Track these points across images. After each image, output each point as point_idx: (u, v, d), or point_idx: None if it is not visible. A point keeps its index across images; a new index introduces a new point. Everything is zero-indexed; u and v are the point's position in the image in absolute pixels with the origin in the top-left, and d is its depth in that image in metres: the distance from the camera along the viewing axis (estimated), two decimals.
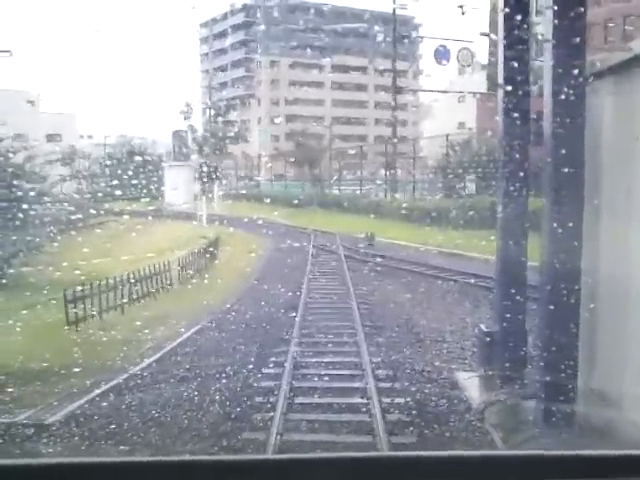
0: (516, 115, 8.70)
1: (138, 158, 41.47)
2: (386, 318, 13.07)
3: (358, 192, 37.84)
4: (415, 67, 50.23)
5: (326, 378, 9.37)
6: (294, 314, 12.92)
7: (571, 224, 6.95)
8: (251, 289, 16.07)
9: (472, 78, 40.60)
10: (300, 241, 22.67)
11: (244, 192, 40.60)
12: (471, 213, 24.75)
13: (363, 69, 55.78)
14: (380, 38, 50.17)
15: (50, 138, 46.88)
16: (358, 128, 54.75)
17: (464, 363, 10.18)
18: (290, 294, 14.98)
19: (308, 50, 54.77)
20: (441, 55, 37.66)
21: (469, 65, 37.73)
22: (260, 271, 18.53)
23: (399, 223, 26.33)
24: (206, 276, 17.39)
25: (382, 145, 44.38)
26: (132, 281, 14.74)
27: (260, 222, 24.82)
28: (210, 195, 34.45)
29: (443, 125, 38.37)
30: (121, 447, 6.58)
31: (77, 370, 9.01)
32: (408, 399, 8.55)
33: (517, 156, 8.99)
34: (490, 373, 9.30)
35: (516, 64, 8.60)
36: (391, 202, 31.96)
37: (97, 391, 8.55)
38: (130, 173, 37.39)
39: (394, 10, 42.05)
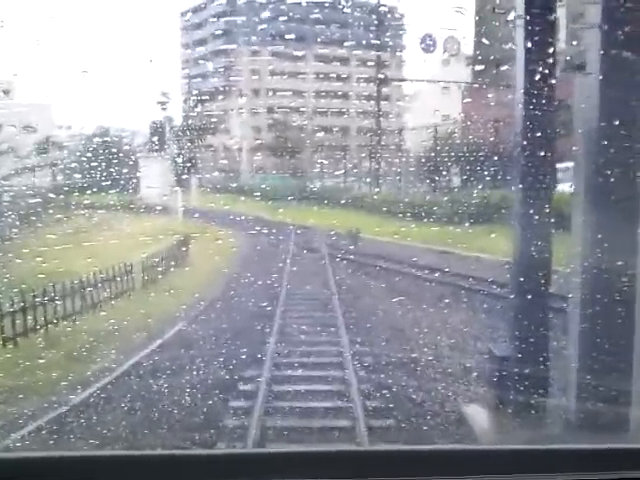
0: (538, 104, 7.40)
1: (114, 149, 39.25)
2: (376, 332, 11.24)
3: (341, 185, 35.95)
4: (398, 58, 48.43)
5: (305, 411, 7.51)
6: (268, 329, 11.10)
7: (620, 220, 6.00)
8: (223, 295, 14.14)
9: (456, 69, 39.01)
10: (280, 238, 20.73)
11: (223, 185, 38.47)
12: (459, 208, 23.05)
13: (345, 60, 53.93)
14: (363, 28, 48.38)
15: (25, 129, 44.97)
16: (340, 120, 52.89)
17: (469, 392, 8.32)
18: (266, 302, 13.12)
19: (290, 40, 52.72)
20: (427, 44, 35.85)
21: (456, 54, 35.92)
22: (234, 273, 16.57)
23: (384, 218, 24.41)
24: (173, 280, 15.36)
25: (365, 137, 42.85)
26: (88, 287, 12.77)
27: (238, 216, 22.86)
28: (187, 188, 32.39)
29: (427, 117, 36.82)
30: None
31: None
32: (404, 437, 6.77)
33: (539, 148, 7.46)
34: (505, 408, 7.48)
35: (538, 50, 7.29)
36: (375, 196, 30.05)
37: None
38: (105, 164, 35.22)
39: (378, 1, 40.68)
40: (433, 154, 31.83)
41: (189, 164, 34.87)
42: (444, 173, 30.43)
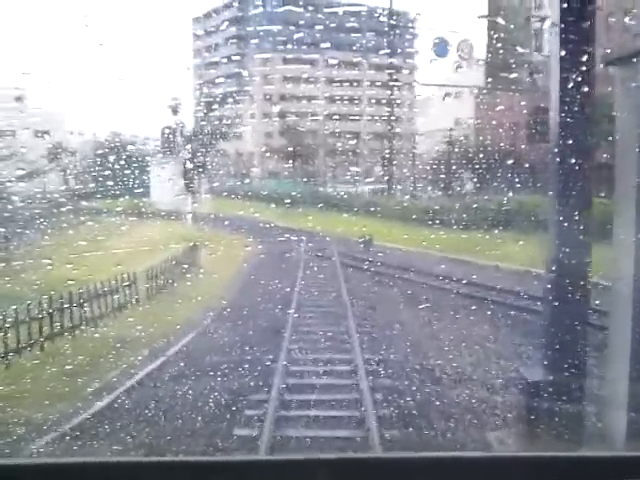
0: (574, 108, 6.86)
1: (125, 155, 38.60)
2: (391, 347, 10.33)
3: (353, 190, 35.06)
4: (411, 62, 47.59)
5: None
6: (280, 341, 10.22)
7: None
8: (231, 306, 13.24)
9: (468, 74, 38.16)
10: (291, 245, 19.83)
11: (235, 190, 37.67)
12: (474, 214, 22.18)
13: (357, 65, 53.13)
14: (375, 33, 47.62)
15: (38, 135, 44.53)
16: (352, 124, 52.06)
17: (497, 423, 7.37)
18: (277, 311, 12.25)
19: (302, 45, 52.02)
20: (440, 48, 34.95)
21: (469, 58, 35.02)
22: (243, 282, 15.68)
23: (398, 224, 23.43)
24: (180, 290, 14.45)
25: (377, 142, 42.06)
26: (89, 297, 11.95)
27: (249, 222, 22.05)
28: (198, 193, 31.63)
29: (439, 121, 36.02)
30: None
31: None
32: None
33: (576, 153, 6.83)
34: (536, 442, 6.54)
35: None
36: (388, 201, 29.15)
37: None
38: (116, 170, 34.59)
39: (391, 3, 40.00)
40: (446, 159, 30.94)
41: (200, 169, 34.15)
42: (458, 178, 29.56)
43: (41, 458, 2.75)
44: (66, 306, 10.91)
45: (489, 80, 36.16)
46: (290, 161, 41.36)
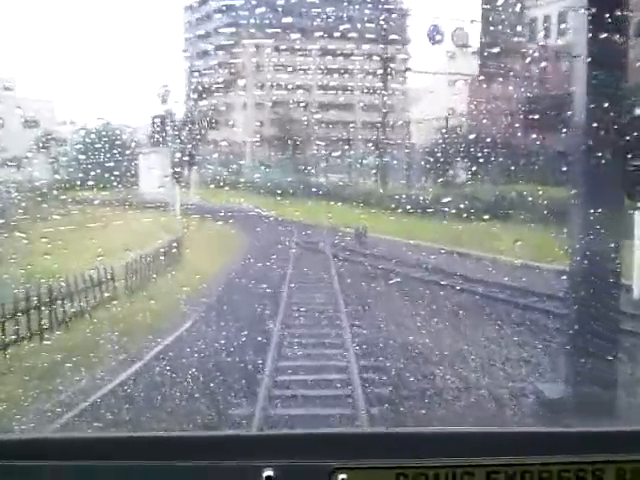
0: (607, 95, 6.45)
1: (115, 144, 37.33)
2: (389, 353, 9.17)
3: (346, 180, 33.90)
4: (405, 51, 46.41)
5: None
6: (265, 341, 9.08)
7: None
8: (217, 304, 12.07)
9: (463, 62, 37.03)
10: (281, 237, 18.63)
11: (225, 179, 36.38)
12: (471, 204, 21.07)
13: (350, 54, 51.90)
14: (368, 21, 46.37)
15: (27, 124, 43.49)
16: (345, 114, 50.89)
17: None
18: (266, 311, 11.07)
19: (294, 34, 50.69)
20: (434, 35, 33.84)
21: (464, 45, 33.87)
22: (228, 279, 14.47)
23: (392, 215, 22.22)
24: (157, 289, 13.20)
25: (370, 131, 41.00)
26: (61, 295, 10.74)
27: (238, 213, 20.85)
28: (187, 182, 30.42)
29: (433, 111, 34.93)
30: None
31: None
32: None
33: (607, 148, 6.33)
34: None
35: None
36: (382, 191, 27.95)
37: None
38: (105, 159, 33.38)
39: None
40: (442, 148, 29.81)
41: (190, 158, 32.99)
42: (454, 167, 28.43)
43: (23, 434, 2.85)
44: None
45: (484, 68, 35.11)
46: (282, 150, 40.21)
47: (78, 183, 30.35)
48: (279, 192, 27.78)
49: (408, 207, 22.65)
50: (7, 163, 24.52)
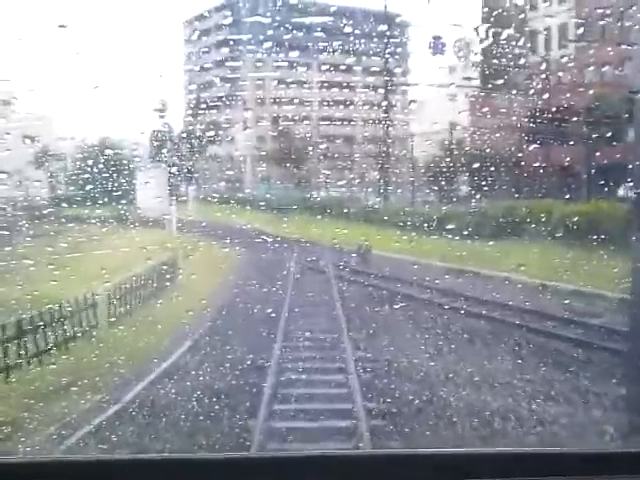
0: None
1: (114, 160, 36.18)
2: (400, 392, 7.89)
3: (348, 196, 32.62)
4: (405, 65, 45.46)
5: None
6: (261, 381, 7.78)
7: None
8: (209, 333, 10.77)
9: (465, 73, 36.00)
10: (281, 256, 17.34)
11: (225, 196, 35.17)
12: (477, 221, 19.85)
13: (351, 68, 50.93)
14: (369, 36, 45.47)
15: (26, 139, 42.64)
16: (346, 129, 49.87)
17: None
18: (261, 343, 9.79)
19: (294, 49, 49.76)
20: (437, 47, 32.77)
21: (466, 57, 32.80)
22: (223, 304, 13.15)
23: (396, 232, 20.89)
24: (146, 316, 11.84)
25: (371, 146, 39.94)
26: (35, 325, 9.48)
27: (237, 230, 19.63)
28: (186, 199, 29.26)
29: (433, 125, 33.81)
30: None
31: None
32: None
33: None
34: None
35: None
36: (385, 207, 26.66)
37: None
38: (103, 175, 32.24)
39: (385, 6, 38.18)
40: (445, 162, 28.62)
41: (189, 175, 31.90)
42: (457, 182, 27.24)
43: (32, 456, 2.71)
44: None
45: (486, 80, 34.06)
46: (282, 166, 39.05)
47: (72, 200, 29.33)
48: (279, 208, 26.54)
49: (412, 223, 21.42)
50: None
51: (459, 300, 12.42)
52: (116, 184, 30.11)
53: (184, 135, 41.38)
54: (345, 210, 26.27)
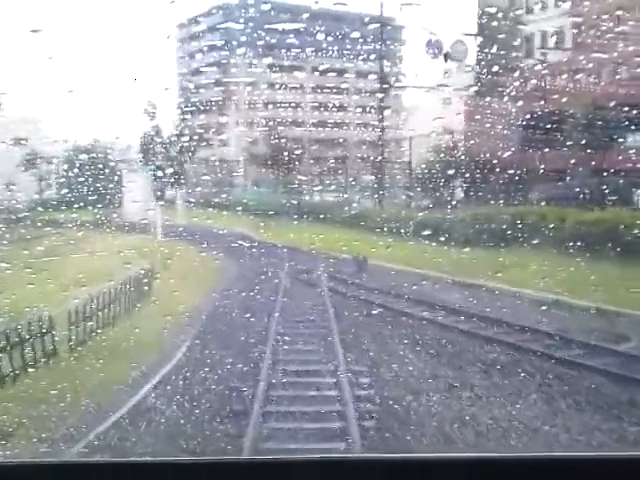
0: None
1: (103, 163, 34.66)
2: (406, 432, 6.35)
3: (340, 200, 31.05)
4: (400, 67, 44.25)
5: None
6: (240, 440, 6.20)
7: None
8: (186, 359, 9.17)
9: (458, 79, 34.70)
10: (271, 266, 15.74)
11: (215, 200, 33.55)
12: (477, 227, 18.41)
13: (344, 72, 49.72)
14: (364, 39, 44.34)
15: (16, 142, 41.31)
16: (339, 132, 48.58)
17: None
18: (245, 370, 8.21)
19: (287, 52, 48.47)
20: (433, 49, 31.36)
21: (463, 60, 31.39)
22: (203, 324, 11.51)
23: (393, 239, 19.27)
24: (112, 339, 10.15)
25: (364, 150, 38.71)
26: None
27: (225, 236, 18.09)
28: (174, 203, 27.73)
29: (427, 129, 32.49)
30: None
31: None
32: None
33: None
34: None
35: None
36: (380, 213, 25.06)
37: None
38: (90, 179, 30.75)
39: (381, 9, 37.10)
40: (441, 166, 27.19)
41: (179, 178, 30.40)
42: (455, 187, 25.81)
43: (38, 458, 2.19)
44: None
45: (483, 83, 32.72)
46: (274, 170, 37.61)
47: (56, 204, 28.04)
48: (270, 213, 24.93)
49: (408, 230, 19.88)
50: None
51: (457, 316, 10.82)
52: (102, 188, 28.66)
53: (173, 138, 39.88)
54: (338, 215, 24.72)
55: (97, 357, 8.61)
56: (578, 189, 23.11)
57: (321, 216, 24.38)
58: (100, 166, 33.42)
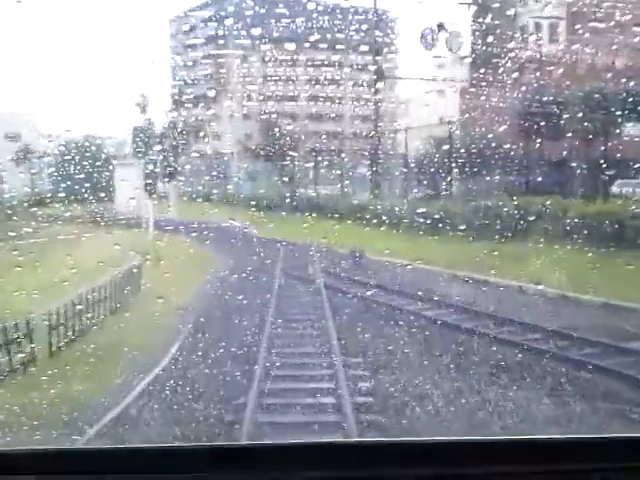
0: None
1: (96, 157, 33.98)
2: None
3: (337, 192, 30.38)
4: (395, 58, 43.50)
5: None
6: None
7: None
8: (173, 364, 8.45)
9: (456, 68, 34.00)
10: (265, 260, 15.01)
11: (209, 193, 32.80)
12: (480, 219, 17.74)
13: (339, 64, 49.05)
14: (358, 29, 43.58)
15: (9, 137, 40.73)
16: (334, 124, 48.00)
17: None
18: (236, 376, 7.50)
19: (281, 44, 47.74)
20: (427, 39, 30.66)
21: (459, 49, 30.69)
22: (196, 319, 10.80)
23: (391, 231, 18.50)
24: (93, 344, 9.38)
25: (360, 141, 38.20)
26: None
27: (218, 230, 17.41)
28: (168, 197, 27.04)
29: (422, 120, 31.80)
30: None
31: None
32: None
33: None
34: None
35: None
36: (378, 205, 24.32)
37: None
38: (82, 174, 30.06)
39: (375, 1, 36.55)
40: (439, 158, 26.50)
41: (172, 171, 29.73)
42: (454, 179, 25.16)
43: (40, 446, 2.21)
44: None
45: (479, 74, 32.04)
46: (269, 162, 37.03)
47: (50, 196, 27.48)
48: (266, 206, 24.18)
49: (406, 222, 19.18)
50: None
51: (463, 314, 10.02)
52: (94, 182, 28.03)
53: (166, 130, 39.17)
54: (335, 207, 23.95)
55: None
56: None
57: (319, 208, 23.58)
58: (93, 160, 32.78)
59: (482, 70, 31.38)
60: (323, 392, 7.55)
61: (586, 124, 22.43)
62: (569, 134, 23.30)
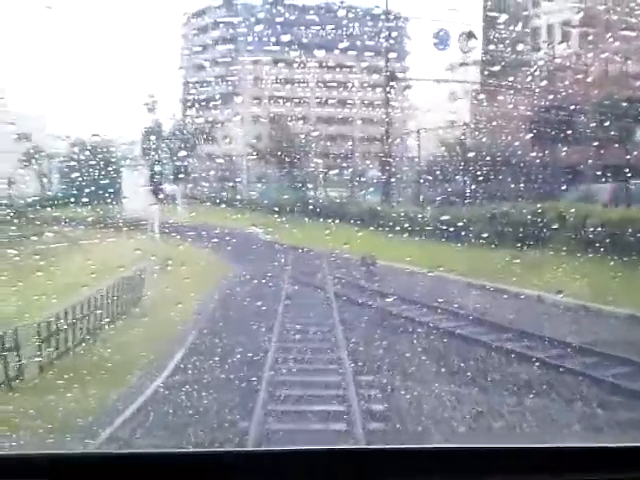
0: None
1: (106, 159, 33.54)
2: None
3: (347, 196, 29.80)
4: (407, 60, 43.04)
5: None
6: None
7: None
8: (171, 384, 7.83)
9: (464, 73, 33.40)
10: (272, 267, 14.38)
11: (218, 196, 32.27)
12: (494, 225, 17.11)
13: (349, 67, 48.56)
14: (369, 33, 43.13)
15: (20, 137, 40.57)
16: (344, 127, 47.48)
17: None
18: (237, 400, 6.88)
19: (292, 47, 47.26)
20: (440, 40, 30.07)
21: (471, 50, 30.07)
22: (199, 331, 10.18)
23: (404, 238, 17.75)
24: (87, 359, 8.75)
25: (371, 145, 37.67)
26: None
27: (226, 235, 16.87)
28: (173, 200, 26.56)
29: (433, 124, 31.21)
30: None
31: None
32: None
33: None
34: None
35: None
36: (389, 210, 23.65)
37: None
38: (91, 176, 29.66)
39: (387, 3, 36.24)
40: (452, 162, 25.90)
41: (182, 175, 29.30)
42: (467, 183, 24.50)
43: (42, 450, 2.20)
44: None
45: (492, 75, 31.41)
46: (279, 166, 36.55)
47: (53, 201, 27.23)
48: (275, 210, 23.57)
49: (418, 227, 18.47)
50: None
51: (483, 327, 9.31)
52: (105, 185, 27.53)
53: (176, 133, 38.75)
54: (345, 212, 23.26)
55: None
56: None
57: (329, 212, 22.89)
58: (102, 163, 32.33)
59: (498, 73, 30.76)
60: None
61: (611, 131, 21.76)
62: (593, 141, 22.64)
